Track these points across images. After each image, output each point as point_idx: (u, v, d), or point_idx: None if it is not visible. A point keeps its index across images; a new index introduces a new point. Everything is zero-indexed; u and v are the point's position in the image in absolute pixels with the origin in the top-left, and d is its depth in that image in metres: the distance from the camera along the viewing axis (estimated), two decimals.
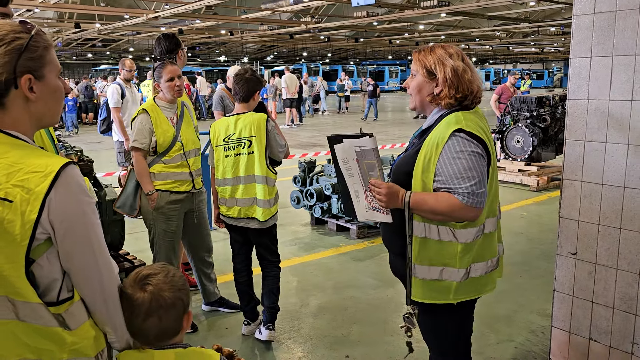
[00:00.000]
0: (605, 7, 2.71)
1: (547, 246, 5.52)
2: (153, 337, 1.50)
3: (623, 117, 2.70)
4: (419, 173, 2.03)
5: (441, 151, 1.98)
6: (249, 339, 3.67)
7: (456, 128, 1.99)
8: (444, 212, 1.97)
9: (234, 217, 3.51)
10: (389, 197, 2.01)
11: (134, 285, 1.48)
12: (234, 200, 3.48)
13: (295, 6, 17.43)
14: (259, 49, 40.03)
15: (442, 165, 1.98)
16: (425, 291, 2.09)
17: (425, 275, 2.07)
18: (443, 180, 1.98)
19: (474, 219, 2.01)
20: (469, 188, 1.95)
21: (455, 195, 1.96)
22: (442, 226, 2.03)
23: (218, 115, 6.54)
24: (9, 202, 1.23)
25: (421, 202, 1.99)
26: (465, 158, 1.96)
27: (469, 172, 1.96)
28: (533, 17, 23.69)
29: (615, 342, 2.85)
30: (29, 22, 1.34)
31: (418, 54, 2.14)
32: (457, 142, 1.98)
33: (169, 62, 3.65)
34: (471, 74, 2.08)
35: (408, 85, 2.19)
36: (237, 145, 3.40)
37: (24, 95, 1.30)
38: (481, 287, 2.14)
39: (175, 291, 1.50)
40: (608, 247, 2.82)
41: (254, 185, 3.43)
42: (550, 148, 8.98)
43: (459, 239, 2.03)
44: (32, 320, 1.28)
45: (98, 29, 22.04)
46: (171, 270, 1.55)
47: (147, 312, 1.46)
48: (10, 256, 1.24)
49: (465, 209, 1.96)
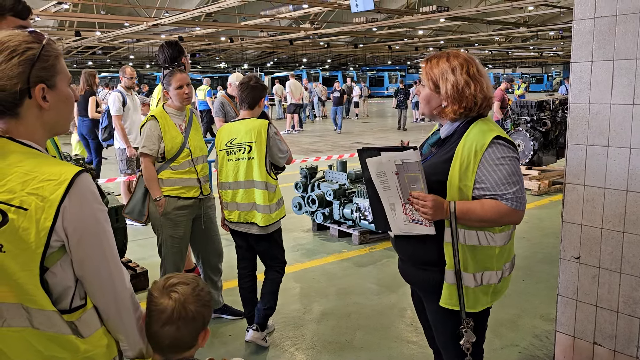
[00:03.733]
0: (606, 11, 2.72)
1: (550, 250, 5.52)
2: (166, 346, 1.50)
3: (625, 121, 2.71)
4: (456, 181, 2.02)
5: (481, 159, 1.99)
6: (252, 346, 3.66)
7: (495, 135, 2.01)
8: (492, 219, 2.00)
9: (234, 221, 3.56)
10: (435, 209, 1.98)
11: (161, 290, 1.49)
12: (235, 204, 3.53)
13: (294, 13, 17.50)
14: (259, 55, 40.13)
15: (484, 172, 2.00)
16: (469, 300, 2.10)
17: (470, 283, 2.08)
18: (488, 187, 2.00)
19: (519, 221, 2.05)
20: (516, 193, 1.99)
21: (504, 202, 1.98)
22: (480, 231, 2.05)
23: (219, 122, 6.59)
24: (24, 210, 1.24)
25: (467, 212, 2.00)
26: (507, 164, 1.99)
27: (513, 177, 2.00)
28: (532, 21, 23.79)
29: (619, 346, 2.85)
30: (39, 32, 1.36)
31: (426, 64, 2.15)
32: (498, 149, 2.00)
33: (177, 70, 3.69)
34: (474, 86, 2.05)
35: (419, 92, 2.20)
36: (238, 150, 3.45)
37: (38, 104, 1.32)
38: (505, 286, 2.21)
39: (200, 306, 1.51)
40: (611, 251, 2.82)
41: (253, 191, 3.46)
42: (551, 152, 9.00)
43: (497, 243, 2.07)
44: (45, 328, 1.29)
45: (98, 37, 22.13)
46: (200, 284, 1.55)
47: (167, 320, 1.46)
48: (25, 264, 1.25)
49: (513, 213, 2.00)
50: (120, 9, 19.78)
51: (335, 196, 5.96)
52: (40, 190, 1.24)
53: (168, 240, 3.70)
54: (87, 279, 1.33)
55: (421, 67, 2.19)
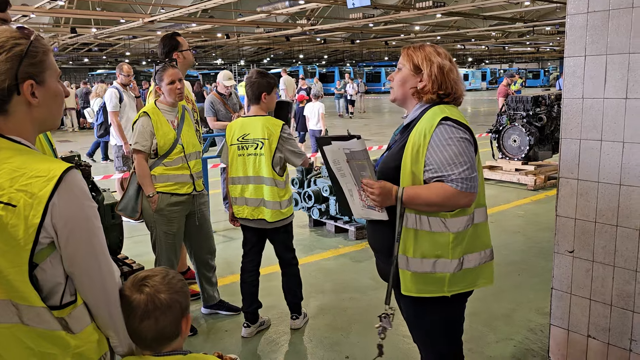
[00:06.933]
0: (599, 6, 2.73)
1: (545, 244, 5.54)
2: (150, 340, 1.49)
3: (618, 115, 2.72)
4: (408, 165, 2.03)
5: (429, 140, 1.99)
6: (249, 342, 3.68)
7: (443, 116, 2.02)
8: (438, 202, 1.97)
9: (244, 217, 3.60)
10: (382, 196, 2.02)
11: (131, 287, 1.48)
12: (244, 199, 3.57)
13: (291, 8, 17.47)
14: (255, 51, 40.05)
15: (432, 153, 1.99)
16: (419, 285, 2.08)
17: (418, 268, 2.06)
18: (435, 168, 1.98)
19: (468, 204, 2.01)
20: (462, 173, 1.96)
21: (449, 183, 1.96)
22: (432, 217, 2.03)
23: (210, 121, 6.61)
24: (13, 206, 1.24)
25: (414, 196, 1.99)
26: (454, 144, 1.98)
27: (460, 158, 1.97)
28: (528, 16, 23.77)
29: (613, 339, 2.87)
30: (26, 27, 1.35)
31: (408, 49, 2.17)
32: (445, 130, 2.00)
33: (170, 65, 3.68)
34: (456, 75, 2.12)
35: (392, 77, 2.21)
36: (249, 145, 3.51)
37: (26, 100, 1.31)
38: (474, 279, 2.13)
39: (172, 293, 1.50)
40: (605, 245, 2.84)
41: (262, 187, 3.52)
42: (546, 147, 9.01)
43: (450, 229, 2.03)
44: (35, 324, 1.29)
45: (94, 34, 22.05)
46: (170, 273, 1.54)
47: (143, 314, 1.45)
48: (14, 260, 1.25)
49: (459, 195, 1.96)
50: (116, 6, 19.71)
51: (332, 192, 5.96)
52: (29, 187, 1.24)
53: (162, 236, 3.70)
54: (77, 276, 1.33)
55: (401, 52, 2.21)
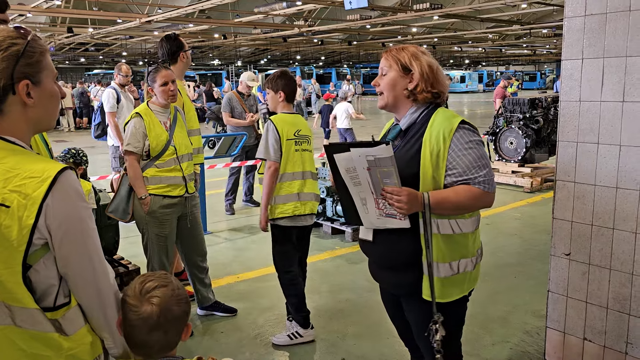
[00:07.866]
0: (596, 9, 2.73)
1: (541, 247, 5.54)
2: (156, 351, 1.48)
3: (615, 118, 2.72)
4: (429, 171, 2.00)
5: (450, 144, 1.98)
6: (245, 344, 3.66)
7: (460, 120, 2.02)
8: (467, 204, 1.99)
9: (305, 213, 3.54)
10: (410, 203, 1.94)
11: (139, 297, 1.45)
12: (311, 194, 3.60)
13: (288, 10, 17.48)
14: (252, 52, 40.02)
15: (454, 158, 1.98)
16: (447, 288, 2.07)
17: (447, 272, 2.05)
18: (459, 172, 1.98)
19: (492, 203, 2.06)
20: (486, 175, 1.99)
21: (477, 186, 1.98)
22: (452, 220, 2.03)
23: (226, 116, 7.14)
24: (6, 207, 1.23)
25: (442, 201, 1.97)
26: (475, 147, 2.00)
27: (482, 160, 2.00)
28: (525, 19, 23.85)
29: (609, 341, 2.87)
30: (23, 27, 1.34)
31: (390, 52, 2.12)
32: (465, 134, 2.00)
33: (162, 66, 3.67)
34: (443, 75, 2.12)
35: (378, 83, 2.14)
36: (303, 141, 3.59)
37: (22, 100, 1.30)
38: (478, 274, 2.19)
39: (182, 305, 1.50)
40: (601, 248, 2.84)
41: (316, 182, 3.65)
42: (543, 149, 9.02)
43: (469, 228, 2.07)
44: (28, 326, 1.28)
45: (91, 34, 22.01)
46: (174, 282, 1.53)
47: (153, 326, 1.43)
48: (7, 261, 1.24)
49: (486, 196, 2.00)
50: (113, 5, 19.68)
51: (328, 193, 5.96)
52: (23, 188, 1.23)
53: (154, 238, 3.67)
54: (71, 277, 1.32)
55: (383, 57, 2.14)
